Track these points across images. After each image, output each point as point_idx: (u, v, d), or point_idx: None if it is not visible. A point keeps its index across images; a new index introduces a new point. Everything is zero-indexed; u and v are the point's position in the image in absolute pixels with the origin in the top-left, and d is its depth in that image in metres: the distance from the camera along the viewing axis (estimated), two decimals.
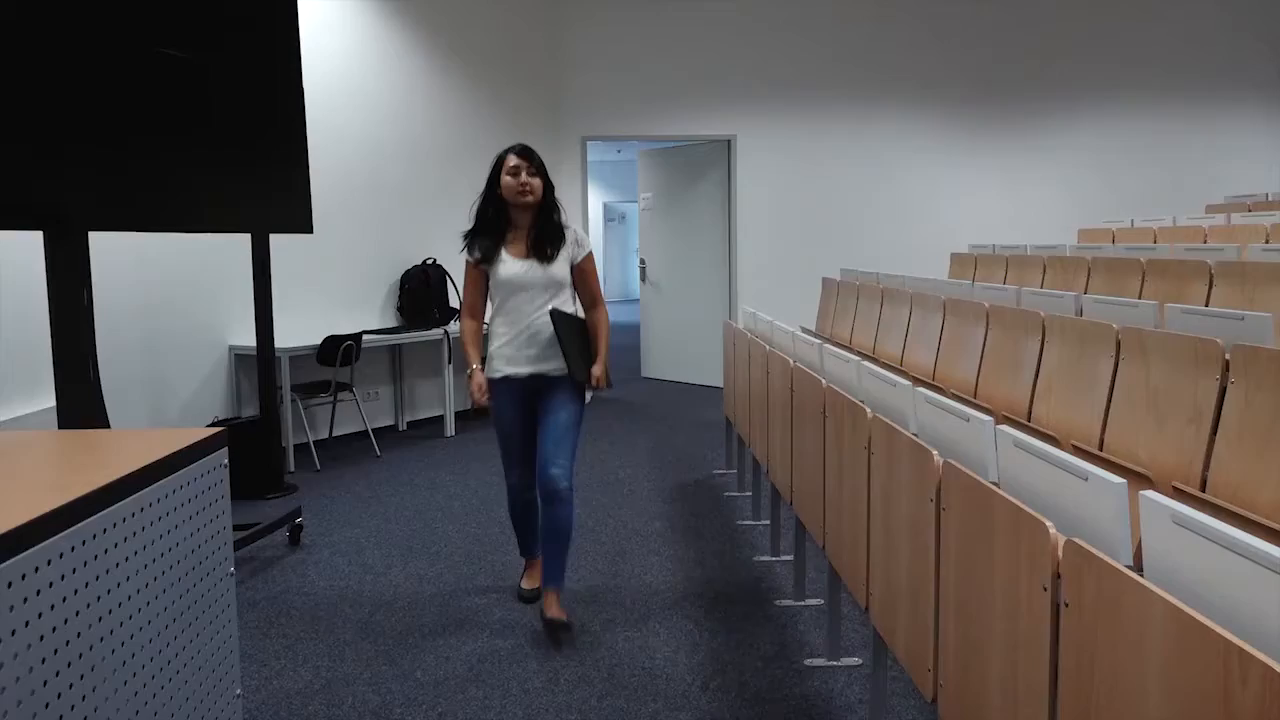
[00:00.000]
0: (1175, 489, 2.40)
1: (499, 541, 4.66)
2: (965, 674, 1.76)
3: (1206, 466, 2.45)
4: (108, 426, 3.55)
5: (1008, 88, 9.38)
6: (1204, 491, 2.39)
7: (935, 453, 1.92)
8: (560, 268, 3.46)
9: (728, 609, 3.75)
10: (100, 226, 3.41)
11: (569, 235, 3.51)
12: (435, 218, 7.63)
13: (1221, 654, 1.03)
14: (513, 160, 3.44)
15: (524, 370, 3.47)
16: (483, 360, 3.51)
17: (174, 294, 5.86)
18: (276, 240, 5.48)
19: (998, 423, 1.90)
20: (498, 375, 3.49)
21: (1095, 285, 4.97)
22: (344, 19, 7.03)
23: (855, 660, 3.20)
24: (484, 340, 3.62)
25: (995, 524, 1.62)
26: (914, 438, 2.06)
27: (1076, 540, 1.36)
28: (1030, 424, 3.28)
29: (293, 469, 6.23)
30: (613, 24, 9.07)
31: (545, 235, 3.47)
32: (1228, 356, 2.45)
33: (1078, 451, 2.85)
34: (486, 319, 3.62)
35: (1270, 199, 7.27)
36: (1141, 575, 1.28)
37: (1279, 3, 9.35)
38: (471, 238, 3.52)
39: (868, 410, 2.43)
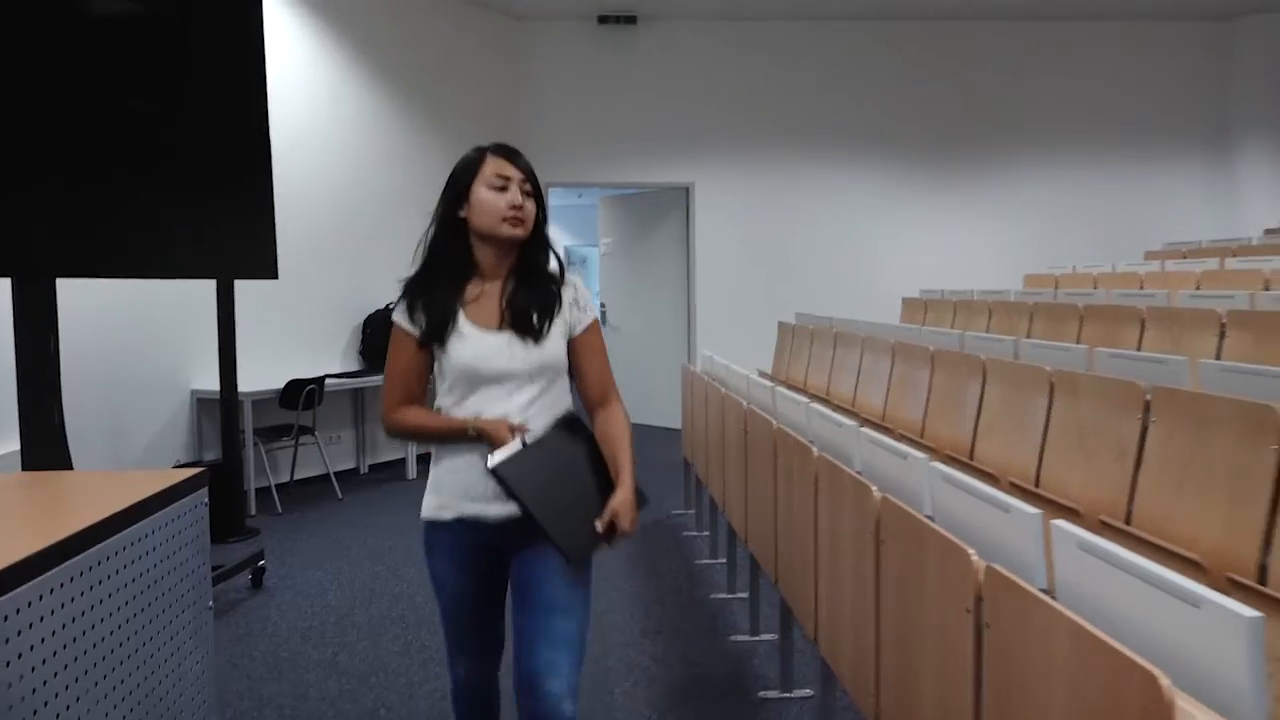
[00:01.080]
0: (1102, 522, 2.55)
1: None
2: (903, 696, 1.88)
3: (1131, 500, 2.61)
4: (70, 469, 3.59)
5: (960, 139, 9.70)
6: (1129, 524, 2.54)
7: (874, 488, 2.06)
8: (555, 346, 2.10)
9: (685, 645, 3.84)
10: (68, 273, 3.48)
11: (567, 294, 2.15)
12: (398, 261, 7.71)
13: (1113, 664, 1.16)
14: (497, 165, 2.10)
15: (493, 510, 2.05)
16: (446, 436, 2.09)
17: (137, 338, 5.90)
18: (240, 284, 5.56)
19: (942, 461, 2.04)
20: (447, 516, 2.10)
21: (1037, 329, 5.18)
22: (305, 63, 7.16)
23: (807, 692, 3.29)
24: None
25: (927, 554, 1.75)
26: (856, 475, 2.20)
27: (996, 566, 1.49)
28: (972, 462, 3.43)
29: (254, 513, 6.25)
30: (575, 73, 9.29)
31: (533, 293, 2.11)
32: (1149, 398, 2.62)
33: (1014, 488, 3.00)
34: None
35: (1204, 245, 7.59)
36: (1053, 598, 1.41)
37: (1214, 59, 9.78)
38: (413, 292, 2.12)
39: (814, 449, 2.57)
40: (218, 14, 4.19)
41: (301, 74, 7.08)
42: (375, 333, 7.51)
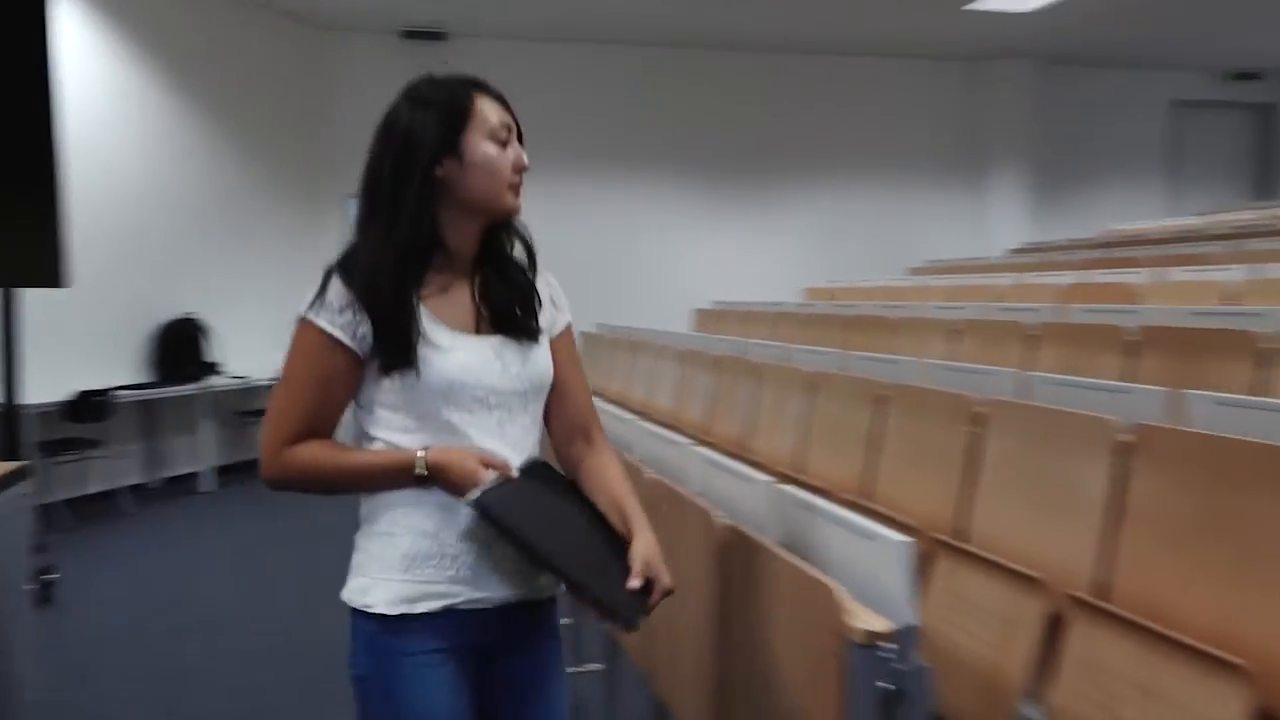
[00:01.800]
0: (846, 500, 2.99)
1: (256, 593, 4.76)
2: (669, 640, 2.20)
3: (874, 480, 3.06)
4: None
5: (749, 162, 10.38)
6: (869, 499, 2.99)
7: (714, 514, 2.37)
8: (545, 356, 1.61)
9: None
10: None
11: (542, 288, 1.67)
12: (193, 271, 7.57)
13: (809, 584, 1.52)
14: (498, 111, 1.55)
15: (498, 593, 1.51)
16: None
17: None
18: (31, 291, 5.35)
19: (720, 454, 2.38)
20: (428, 608, 1.47)
21: (811, 337, 5.74)
22: (101, 69, 6.93)
23: (597, 666, 3.27)
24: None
25: (685, 517, 2.08)
26: (654, 474, 2.51)
27: (735, 524, 1.84)
28: (750, 455, 3.84)
29: (42, 528, 6.00)
30: (380, 86, 9.30)
31: (509, 286, 1.60)
32: (886, 394, 3.09)
33: (780, 475, 3.41)
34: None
35: (957, 263, 8.50)
36: (781, 546, 1.76)
37: (968, 96, 10.88)
38: (349, 281, 1.47)
39: (645, 472, 2.55)
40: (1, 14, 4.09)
41: (96, 79, 6.86)
42: (172, 342, 7.33)
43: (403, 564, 1.47)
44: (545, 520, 1.44)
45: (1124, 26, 9.55)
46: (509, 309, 1.56)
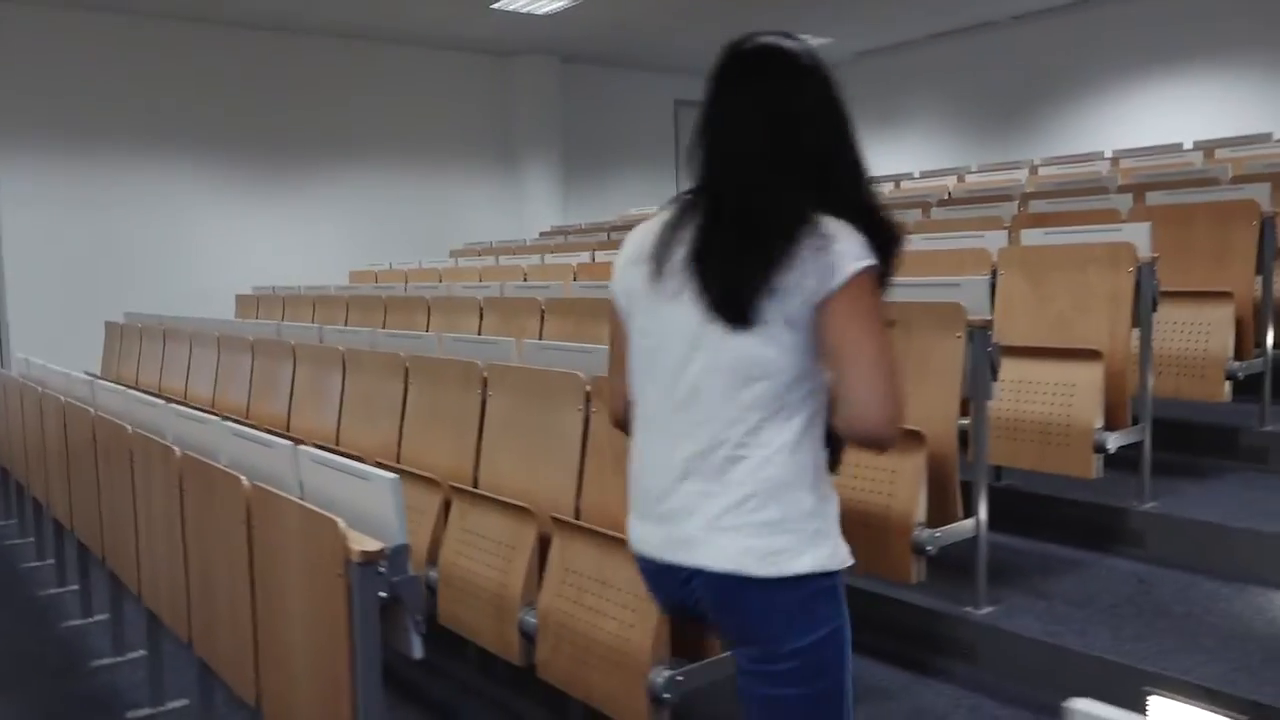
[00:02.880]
0: (378, 462, 3.30)
1: None
2: (202, 597, 2.38)
3: (399, 442, 3.40)
4: None
5: (292, 144, 10.21)
6: (399, 461, 3.33)
7: (244, 478, 2.47)
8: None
9: (42, 684, 3.60)
10: None
11: None
12: None
13: (317, 521, 1.82)
14: None
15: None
16: None
17: None
18: None
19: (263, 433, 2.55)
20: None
21: (352, 319, 5.95)
22: None
23: (183, 701, 3.22)
24: None
25: (214, 488, 2.28)
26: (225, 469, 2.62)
27: (259, 483, 2.08)
28: (289, 432, 4.00)
29: None
30: None
31: None
32: (407, 366, 3.44)
33: (319, 446, 3.64)
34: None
35: (493, 245, 9.12)
36: (301, 499, 2.03)
37: (500, 87, 11.56)
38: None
39: (176, 450, 2.64)
40: None
41: None
42: None
43: (839, 523, 1.62)
44: None
45: (630, 33, 10.74)
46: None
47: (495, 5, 9.35)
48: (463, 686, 3.18)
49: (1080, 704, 0.83)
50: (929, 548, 2.59)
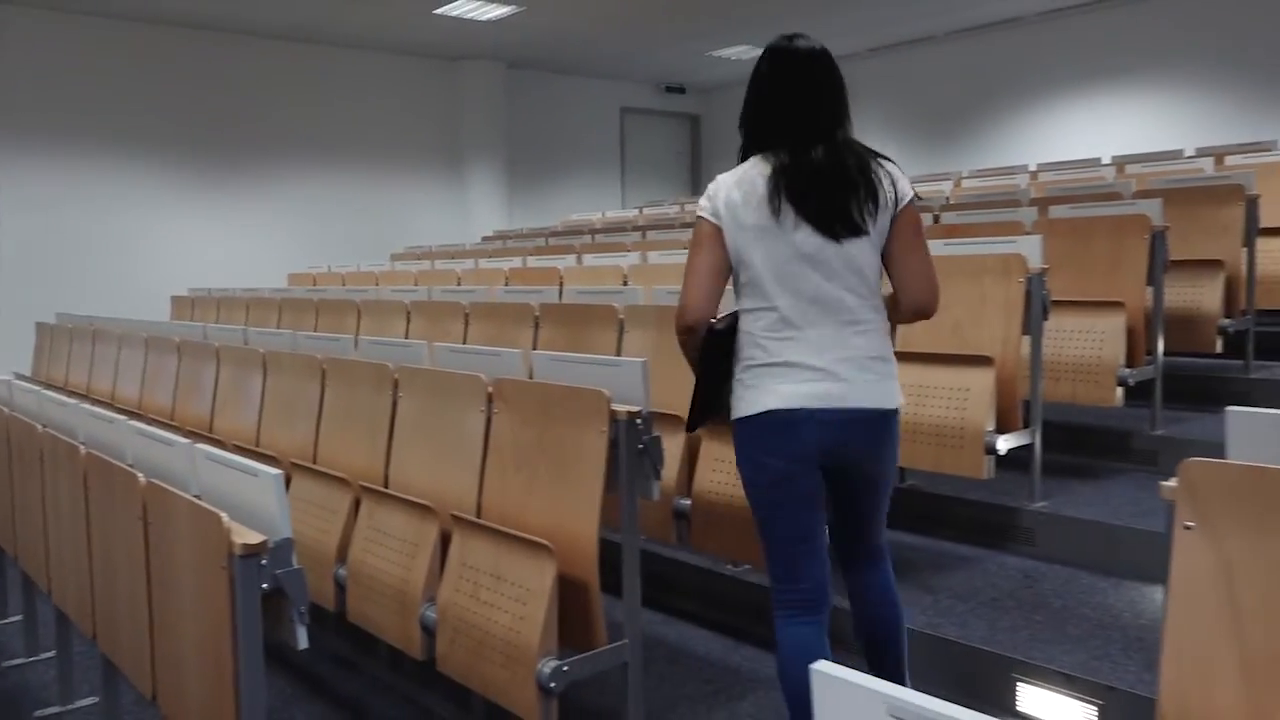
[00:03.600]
0: (293, 464, 3.35)
1: None
2: (104, 590, 2.42)
3: (316, 444, 3.46)
4: None
5: (232, 146, 10.15)
6: (315, 462, 3.39)
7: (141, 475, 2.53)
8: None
9: None
10: None
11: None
12: None
13: (203, 516, 1.89)
14: None
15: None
16: None
17: None
18: None
19: (184, 435, 2.60)
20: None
21: (286, 321, 5.97)
22: None
23: (92, 699, 3.20)
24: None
25: (115, 488, 2.33)
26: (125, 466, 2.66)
27: (154, 480, 2.14)
28: (211, 434, 4.04)
29: None
30: None
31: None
32: (324, 368, 3.50)
33: (238, 449, 3.68)
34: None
35: (434, 249, 9.16)
36: (198, 498, 2.09)
37: (447, 91, 11.59)
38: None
39: (82, 449, 2.72)
40: None
41: None
42: None
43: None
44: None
45: (574, 40, 10.84)
46: None
47: (439, 10, 9.40)
48: (373, 682, 3.24)
49: (821, 666, 0.93)
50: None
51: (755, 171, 2.25)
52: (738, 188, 2.25)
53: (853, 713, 0.90)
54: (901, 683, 2.30)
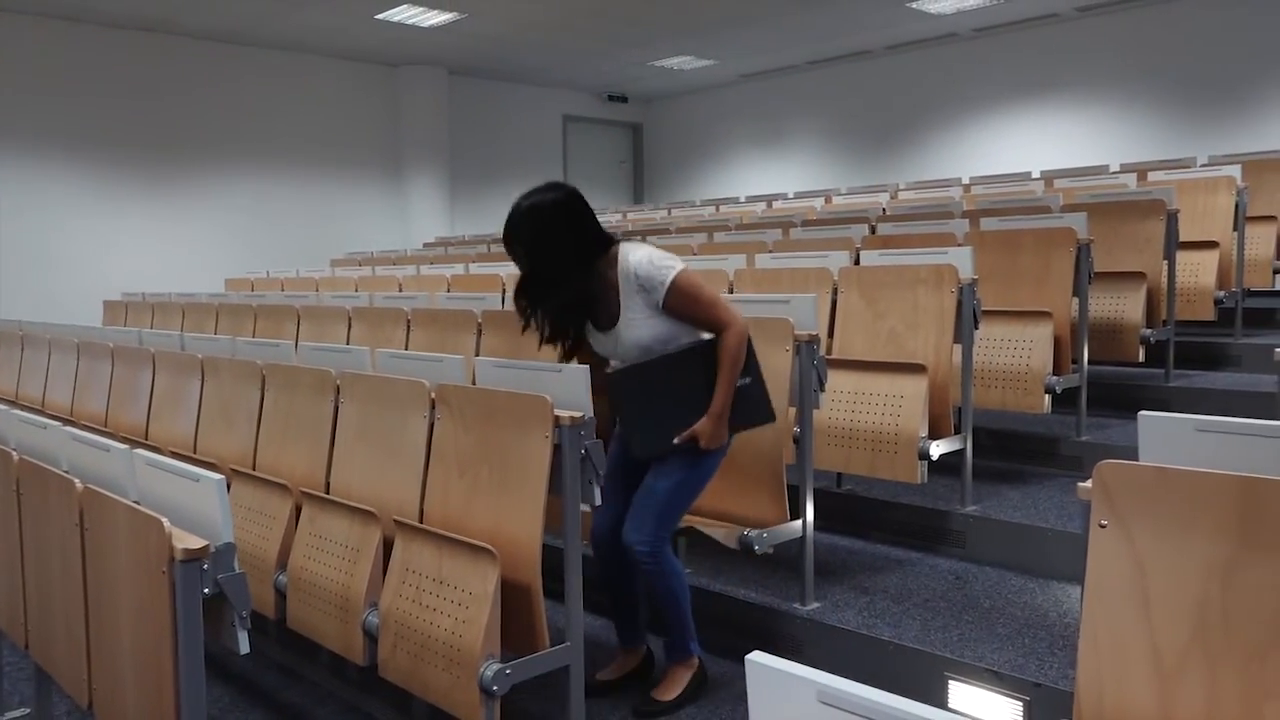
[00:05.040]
0: (232, 470, 3.32)
1: None
2: (39, 598, 2.39)
3: (255, 451, 3.43)
4: None
5: (169, 149, 9.98)
6: (254, 469, 3.36)
7: (77, 482, 2.49)
8: (634, 327, 2.70)
9: None
10: None
11: (623, 281, 2.68)
12: None
13: (143, 521, 1.88)
14: None
15: None
16: None
17: None
18: None
19: (119, 441, 2.57)
20: None
21: (223, 326, 5.89)
22: None
23: (24, 710, 3.12)
24: None
25: (49, 494, 2.30)
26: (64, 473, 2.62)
27: (91, 485, 2.12)
28: (147, 440, 3.98)
29: None
30: None
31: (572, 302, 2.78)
32: (264, 374, 3.48)
33: (176, 454, 3.63)
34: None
35: (375, 255, 9.10)
36: (137, 504, 2.08)
37: (386, 97, 11.52)
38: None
39: (14, 455, 2.65)
40: None
41: None
42: None
43: None
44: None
45: (516, 48, 10.85)
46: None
47: (380, 15, 9.35)
48: (314, 689, 3.22)
49: (755, 656, 0.98)
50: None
51: None
52: None
53: (785, 700, 0.95)
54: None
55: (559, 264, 2.68)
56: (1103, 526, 1.49)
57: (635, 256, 2.67)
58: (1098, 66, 9.83)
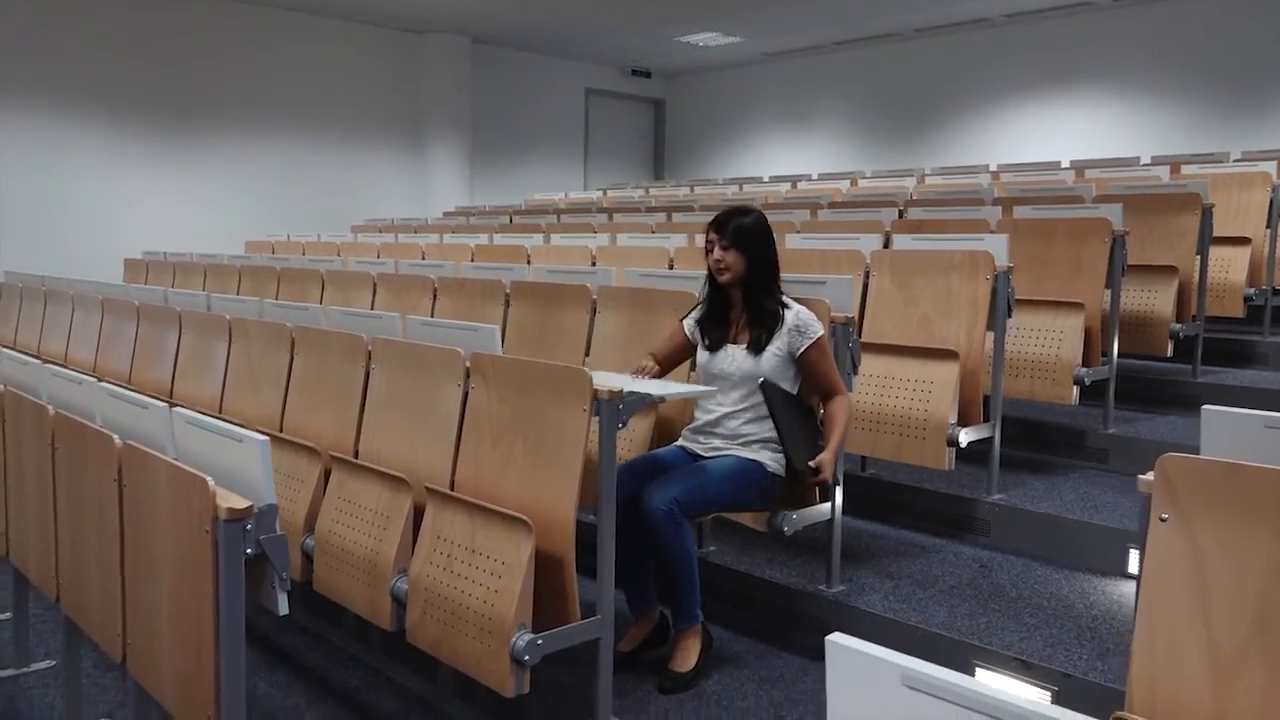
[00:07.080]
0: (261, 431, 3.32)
1: None
2: (74, 561, 2.39)
3: (283, 415, 3.43)
4: None
5: (192, 112, 9.95)
6: (282, 431, 3.36)
7: (116, 438, 2.46)
8: (768, 362, 2.89)
9: None
10: None
11: (788, 319, 2.91)
12: None
13: (189, 480, 1.87)
14: (709, 234, 2.98)
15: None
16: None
17: None
18: None
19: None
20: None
21: (245, 288, 5.88)
22: None
23: (49, 662, 3.16)
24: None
25: (87, 450, 2.30)
26: (100, 429, 2.61)
27: (130, 442, 2.11)
28: (174, 400, 3.98)
29: None
30: None
31: (754, 320, 2.95)
32: (293, 337, 3.47)
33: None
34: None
35: (395, 223, 9.07)
36: (175, 460, 2.07)
37: (410, 64, 11.45)
38: (701, 308, 3.09)
39: (50, 409, 2.63)
40: None
41: None
42: None
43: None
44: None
45: (541, 18, 10.77)
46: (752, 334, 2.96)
47: None
48: (338, 653, 3.24)
49: (835, 637, 0.97)
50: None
51: None
52: None
53: (866, 682, 0.94)
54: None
55: (770, 273, 2.97)
56: (1163, 520, 1.48)
57: (797, 305, 2.97)
58: (1129, 57, 9.72)
